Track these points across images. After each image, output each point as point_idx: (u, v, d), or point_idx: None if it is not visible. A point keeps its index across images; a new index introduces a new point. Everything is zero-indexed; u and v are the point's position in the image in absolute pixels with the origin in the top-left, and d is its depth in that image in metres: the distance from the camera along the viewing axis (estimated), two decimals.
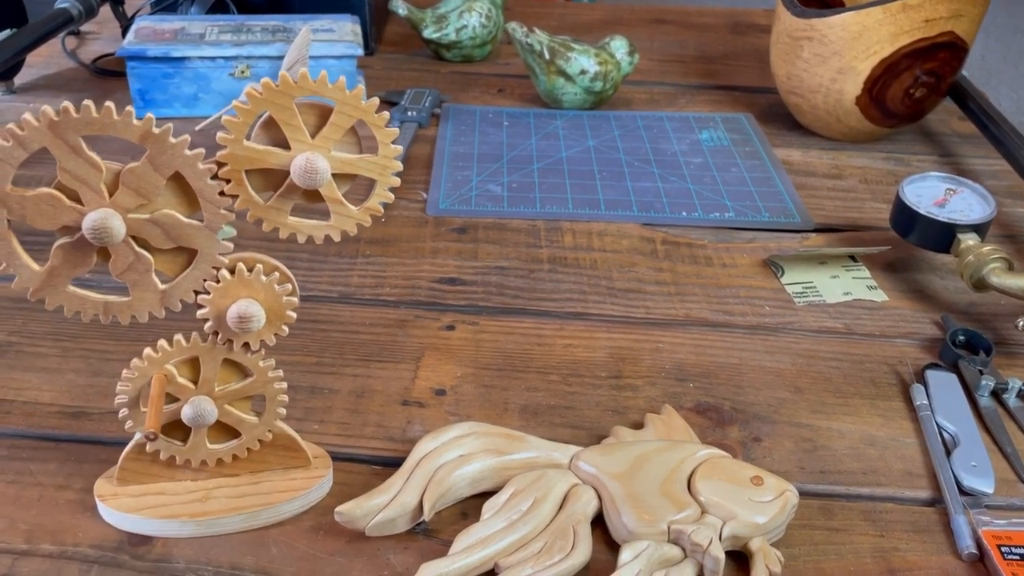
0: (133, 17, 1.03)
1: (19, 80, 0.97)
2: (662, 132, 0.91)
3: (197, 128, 0.73)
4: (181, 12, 1.02)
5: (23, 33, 0.89)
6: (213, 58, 0.89)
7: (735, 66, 1.09)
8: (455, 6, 1.04)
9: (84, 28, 1.10)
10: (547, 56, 0.90)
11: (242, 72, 0.89)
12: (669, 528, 0.44)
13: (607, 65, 0.91)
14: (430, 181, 0.81)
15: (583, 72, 0.91)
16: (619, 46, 0.93)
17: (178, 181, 0.39)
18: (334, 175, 0.40)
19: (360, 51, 0.91)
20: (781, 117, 0.94)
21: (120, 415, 0.44)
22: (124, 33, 1.01)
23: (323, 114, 0.39)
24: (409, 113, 0.91)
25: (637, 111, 0.96)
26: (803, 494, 0.49)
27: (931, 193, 0.68)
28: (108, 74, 1.00)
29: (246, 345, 0.43)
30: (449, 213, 0.76)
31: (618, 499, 0.46)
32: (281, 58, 0.89)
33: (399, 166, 0.41)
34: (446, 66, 1.06)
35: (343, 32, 0.93)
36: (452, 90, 0.99)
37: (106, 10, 1.03)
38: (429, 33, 1.04)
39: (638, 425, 0.53)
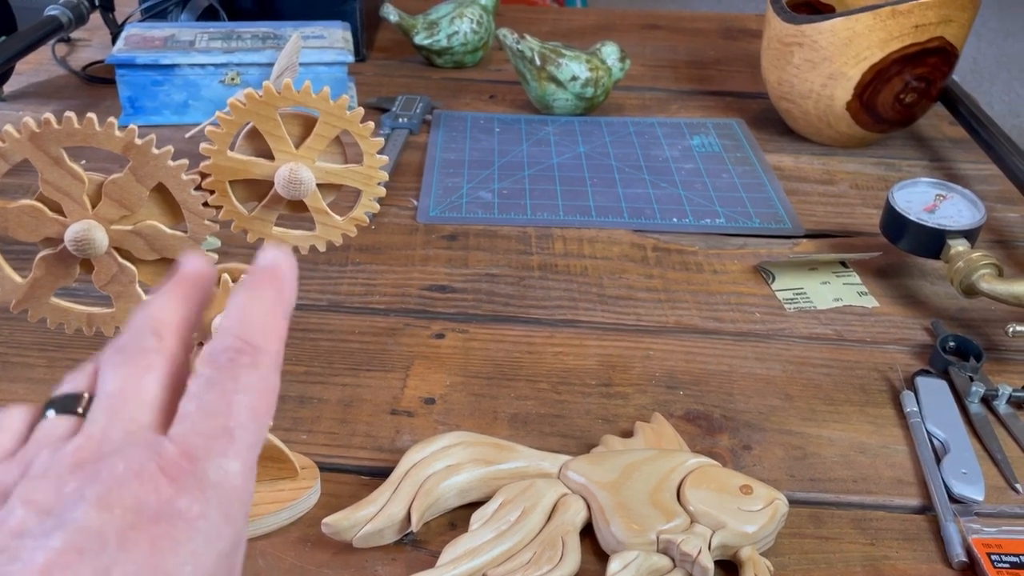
0: (123, 24, 1.03)
1: (9, 87, 0.97)
2: (653, 138, 0.91)
3: (187, 136, 0.73)
4: (171, 19, 1.02)
5: (13, 40, 0.89)
6: (203, 65, 0.88)
7: (727, 72, 1.09)
8: (446, 12, 1.04)
9: (74, 35, 1.10)
10: (538, 62, 0.90)
11: (232, 79, 0.89)
12: (658, 538, 0.44)
13: (598, 71, 0.91)
14: (420, 188, 0.80)
15: (574, 78, 0.90)
16: (610, 52, 0.93)
17: (161, 192, 0.38)
18: (319, 185, 0.40)
19: (351, 58, 0.91)
20: (772, 123, 0.94)
21: None
22: (114, 40, 1.01)
23: (307, 124, 0.39)
24: (400, 120, 0.91)
25: (628, 117, 0.95)
26: (793, 502, 0.48)
27: (921, 199, 0.68)
28: (98, 81, 1.00)
29: None
30: (439, 220, 0.76)
31: (607, 509, 0.46)
32: (271, 65, 0.89)
33: (384, 176, 0.41)
34: (437, 72, 1.06)
35: (334, 39, 0.93)
36: (443, 96, 0.99)
37: (96, 17, 1.02)
38: (420, 39, 1.04)
39: (628, 433, 0.53)
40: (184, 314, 0.28)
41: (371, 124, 0.39)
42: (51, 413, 0.26)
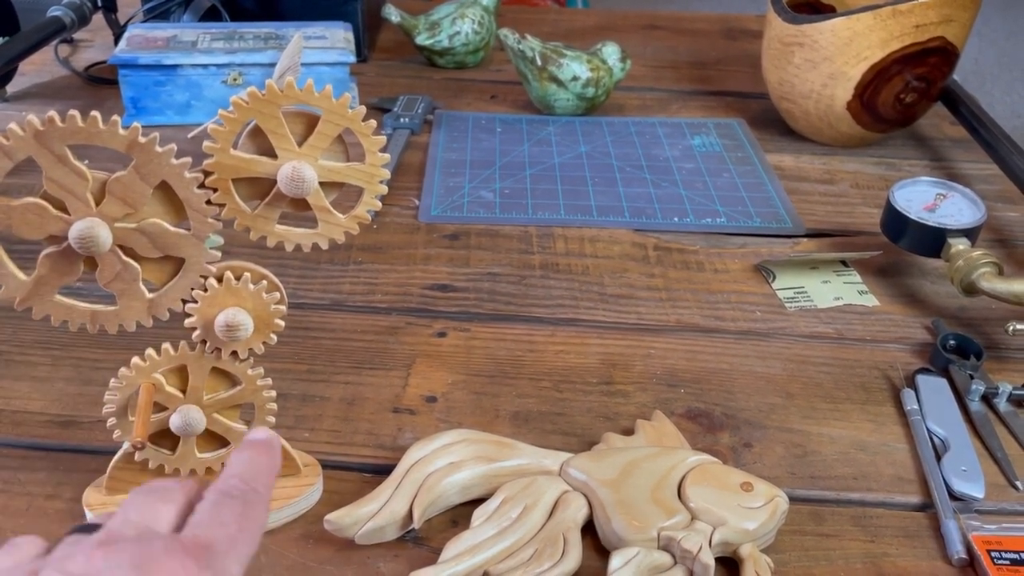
0: (126, 25, 1.03)
1: (12, 88, 0.97)
2: (654, 138, 0.91)
3: (189, 136, 0.73)
4: (173, 20, 1.02)
5: (16, 41, 0.89)
6: (205, 65, 0.89)
7: (727, 72, 1.09)
8: (448, 13, 1.04)
9: (77, 36, 1.10)
10: (539, 62, 0.91)
11: (234, 79, 0.89)
12: (659, 535, 0.44)
13: (599, 71, 0.91)
14: (422, 188, 0.81)
15: (575, 78, 0.91)
16: (611, 52, 0.93)
17: (165, 190, 0.39)
18: (321, 183, 0.40)
19: (353, 58, 0.91)
20: (773, 122, 0.94)
21: (108, 424, 0.44)
22: (116, 41, 1.01)
23: (310, 123, 0.39)
24: (402, 120, 0.91)
25: (629, 117, 0.96)
26: (793, 500, 0.49)
27: (921, 198, 0.69)
28: (101, 82, 1.00)
29: (234, 354, 0.43)
30: (441, 220, 0.76)
31: (608, 506, 0.46)
32: (273, 65, 0.89)
33: (387, 174, 0.41)
34: (439, 72, 1.06)
35: (336, 39, 0.93)
36: (445, 96, 0.99)
37: (99, 18, 1.02)
38: (422, 40, 1.04)
39: (629, 431, 0.53)
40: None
41: (373, 122, 0.39)
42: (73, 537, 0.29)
